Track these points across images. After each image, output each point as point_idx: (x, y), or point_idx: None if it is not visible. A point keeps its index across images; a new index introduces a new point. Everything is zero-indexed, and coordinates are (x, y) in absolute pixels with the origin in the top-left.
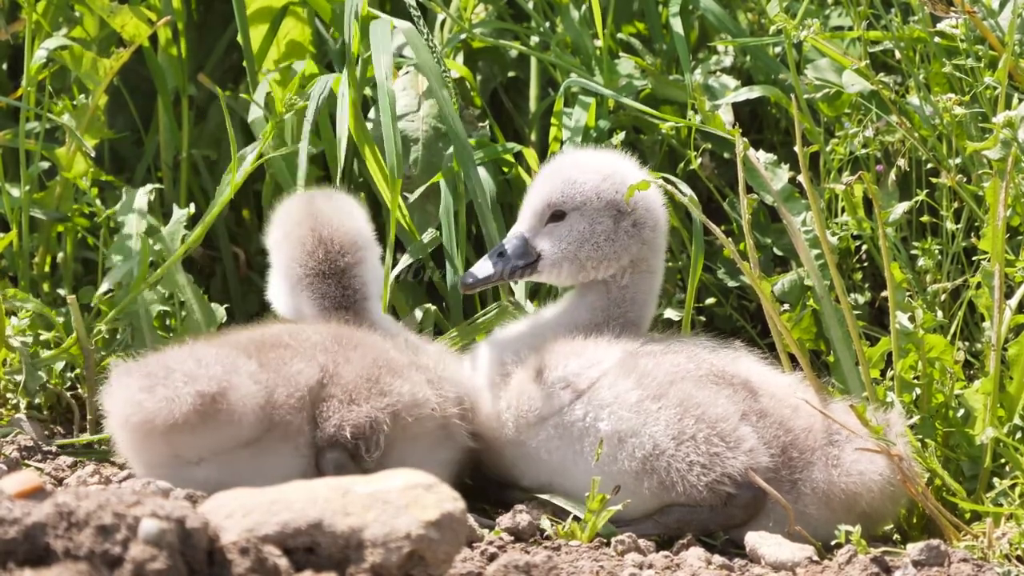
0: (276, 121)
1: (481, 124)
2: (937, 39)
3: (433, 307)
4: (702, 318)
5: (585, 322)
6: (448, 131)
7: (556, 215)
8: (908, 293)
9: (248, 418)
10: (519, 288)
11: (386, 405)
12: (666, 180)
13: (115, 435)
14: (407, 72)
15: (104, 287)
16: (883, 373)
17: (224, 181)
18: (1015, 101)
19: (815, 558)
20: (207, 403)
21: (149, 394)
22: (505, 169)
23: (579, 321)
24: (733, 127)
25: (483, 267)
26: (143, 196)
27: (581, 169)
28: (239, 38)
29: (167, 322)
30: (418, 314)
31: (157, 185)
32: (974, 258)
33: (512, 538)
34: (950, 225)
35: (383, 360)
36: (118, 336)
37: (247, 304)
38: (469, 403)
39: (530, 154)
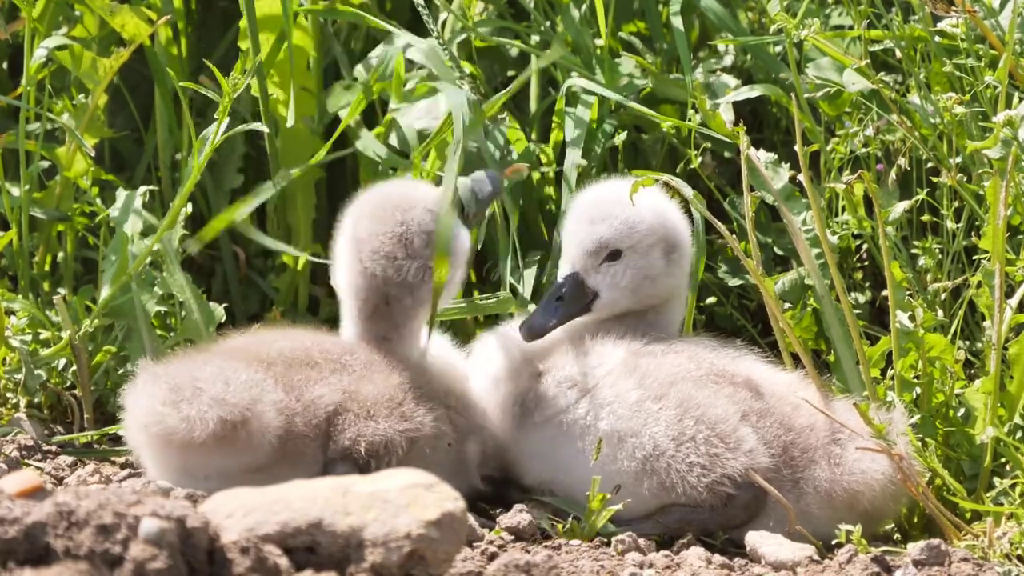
0: (228, 101)
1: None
2: (938, 38)
3: None
4: (703, 317)
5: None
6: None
7: (612, 255)
8: (908, 292)
9: (264, 448)
10: (523, 286)
11: (405, 429)
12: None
13: (130, 433)
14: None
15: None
16: (883, 372)
17: (188, 164)
18: (1015, 100)
19: (816, 557)
20: (228, 430)
21: (173, 409)
22: None
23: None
24: (736, 126)
25: (544, 314)
26: (138, 198)
27: (634, 208)
28: (241, 42)
29: (168, 321)
30: None
31: (152, 187)
32: (974, 257)
33: (512, 537)
34: (950, 224)
35: (408, 386)
36: (113, 334)
37: (247, 304)
38: (491, 439)
39: None
